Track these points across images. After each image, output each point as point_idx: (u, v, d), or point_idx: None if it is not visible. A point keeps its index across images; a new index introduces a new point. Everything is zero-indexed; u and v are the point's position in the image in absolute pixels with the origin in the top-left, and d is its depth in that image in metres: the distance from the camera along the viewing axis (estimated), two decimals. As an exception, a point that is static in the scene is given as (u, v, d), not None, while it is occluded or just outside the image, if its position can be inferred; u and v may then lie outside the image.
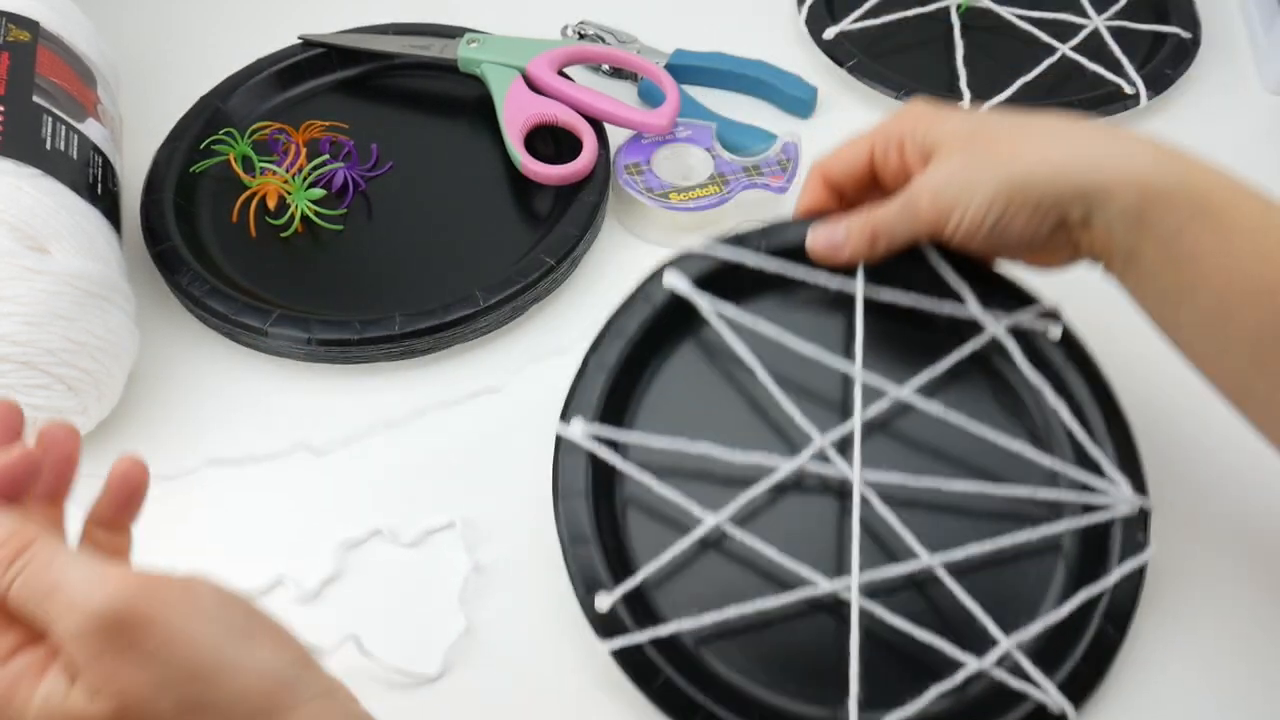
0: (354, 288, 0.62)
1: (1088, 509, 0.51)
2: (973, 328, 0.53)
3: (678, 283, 0.53)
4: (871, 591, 0.49)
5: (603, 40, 0.75)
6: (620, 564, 0.50)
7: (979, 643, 0.49)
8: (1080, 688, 0.48)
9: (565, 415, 0.52)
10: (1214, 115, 0.73)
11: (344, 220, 0.65)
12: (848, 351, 0.53)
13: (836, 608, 0.50)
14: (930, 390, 0.53)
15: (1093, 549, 0.51)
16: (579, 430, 0.51)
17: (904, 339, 0.54)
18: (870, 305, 0.53)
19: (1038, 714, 0.48)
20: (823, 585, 0.49)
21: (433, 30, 0.71)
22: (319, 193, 0.64)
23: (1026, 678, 0.48)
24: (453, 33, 0.71)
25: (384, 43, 0.71)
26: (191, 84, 0.69)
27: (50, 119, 0.56)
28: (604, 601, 0.48)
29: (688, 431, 0.52)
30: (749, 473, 0.51)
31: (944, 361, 0.53)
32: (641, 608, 0.49)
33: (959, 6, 0.76)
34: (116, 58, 0.66)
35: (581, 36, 0.75)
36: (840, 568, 0.50)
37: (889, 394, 0.52)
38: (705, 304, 0.53)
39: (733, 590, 0.50)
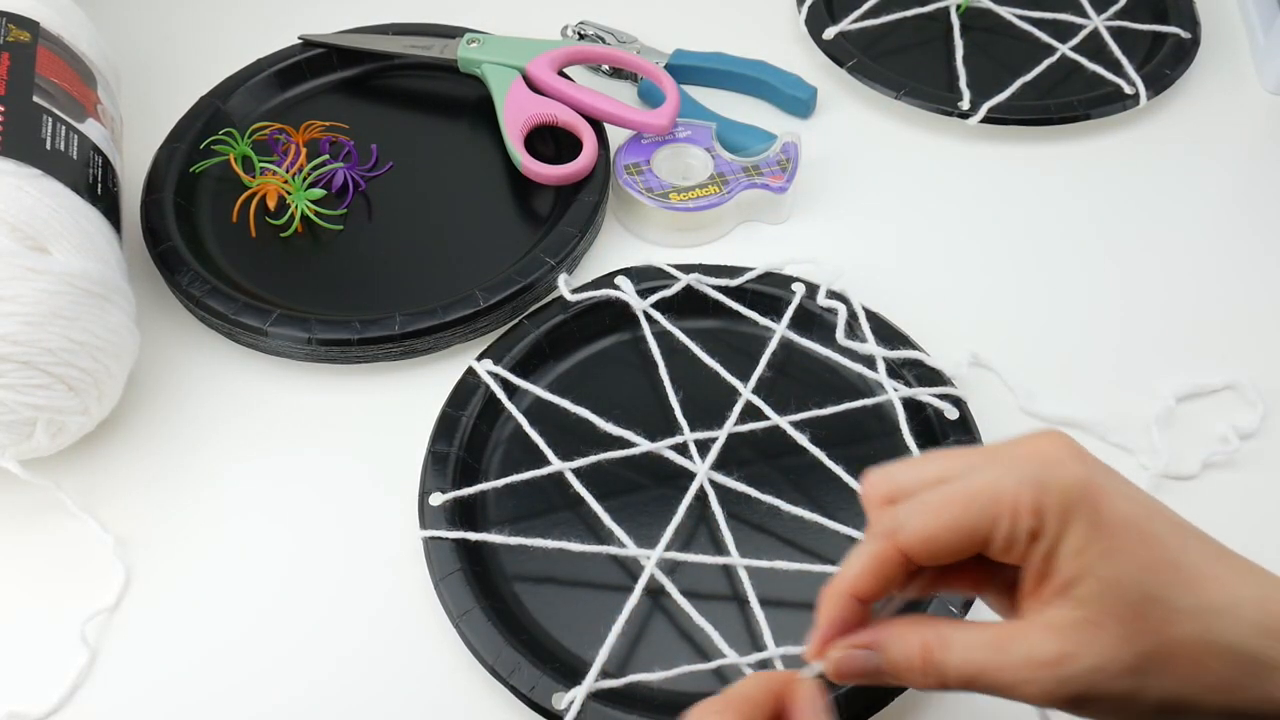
0: (354, 288, 0.62)
1: None
2: (878, 387, 0.57)
3: (622, 282, 0.60)
4: (670, 569, 0.51)
5: (603, 40, 0.75)
6: (468, 473, 0.54)
7: (750, 649, 0.49)
8: None
9: (482, 355, 0.57)
10: (1213, 115, 0.73)
11: (344, 220, 0.65)
12: (750, 376, 0.57)
13: (636, 574, 0.51)
14: (813, 427, 0.55)
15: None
16: (484, 366, 0.57)
17: (812, 382, 0.58)
18: (790, 345, 0.59)
19: None
20: (630, 549, 0.51)
21: (433, 30, 0.71)
22: (319, 193, 0.64)
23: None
24: (453, 33, 0.71)
25: (384, 43, 0.71)
26: (191, 84, 0.69)
27: (50, 119, 0.56)
28: (438, 499, 0.52)
29: (585, 402, 0.56)
30: (616, 444, 0.55)
31: (831, 408, 0.56)
32: (468, 516, 0.53)
33: (959, 6, 0.76)
34: (116, 58, 0.66)
35: (581, 37, 0.75)
36: (655, 545, 0.51)
37: (770, 419, 0.55)
38: (635, 302, 0.59)
39: (553, 527, 0.53)
